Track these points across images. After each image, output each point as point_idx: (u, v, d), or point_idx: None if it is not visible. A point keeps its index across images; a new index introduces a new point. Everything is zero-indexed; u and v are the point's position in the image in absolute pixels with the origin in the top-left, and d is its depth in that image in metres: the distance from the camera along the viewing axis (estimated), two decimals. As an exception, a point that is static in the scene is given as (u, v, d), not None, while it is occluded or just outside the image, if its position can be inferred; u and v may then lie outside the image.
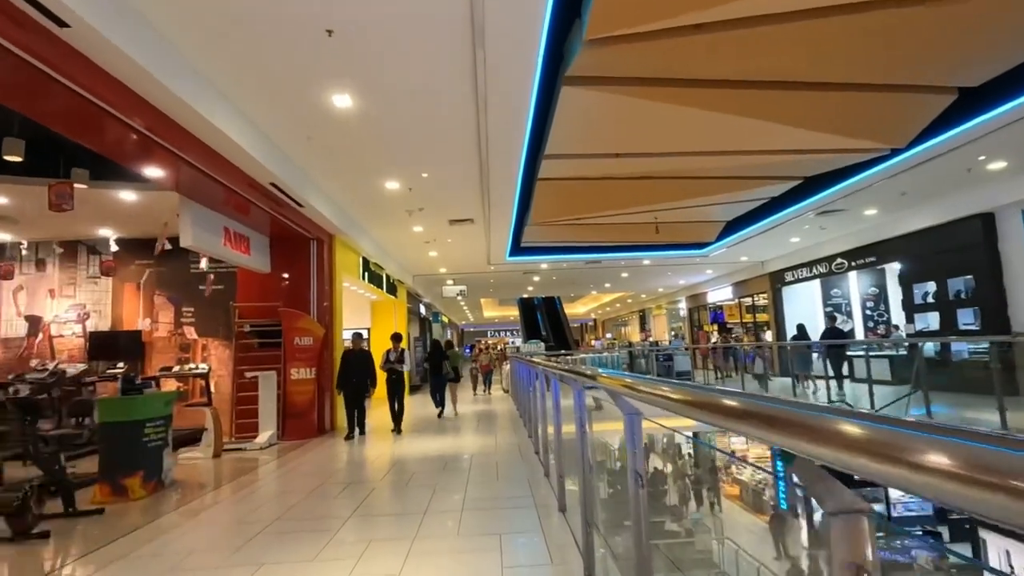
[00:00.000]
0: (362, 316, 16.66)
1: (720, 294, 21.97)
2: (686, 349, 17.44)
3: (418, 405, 12.42)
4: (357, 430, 8.30)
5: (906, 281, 12.07)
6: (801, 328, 15.63)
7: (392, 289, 14.70)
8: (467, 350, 42.76)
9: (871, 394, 8.94)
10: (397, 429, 8.61)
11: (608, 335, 42.93)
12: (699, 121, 6.86)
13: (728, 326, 23.20)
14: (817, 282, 16.62)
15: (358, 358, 8.42)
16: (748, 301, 20.33)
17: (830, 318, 14.27)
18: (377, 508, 4.44)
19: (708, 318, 23.59)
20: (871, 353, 12.78)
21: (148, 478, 5.12)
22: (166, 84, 4.37)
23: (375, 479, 5.54)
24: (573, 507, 3.93)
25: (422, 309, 21.78)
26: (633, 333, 35.57)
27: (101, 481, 4.96)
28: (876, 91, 6.37)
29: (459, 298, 24.25)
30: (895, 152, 7.84)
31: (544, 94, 6.01)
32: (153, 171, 5.69)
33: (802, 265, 16.18)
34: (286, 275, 8.88)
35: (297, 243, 8.87)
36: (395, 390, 8.96)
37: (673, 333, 27.87)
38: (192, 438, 7.48)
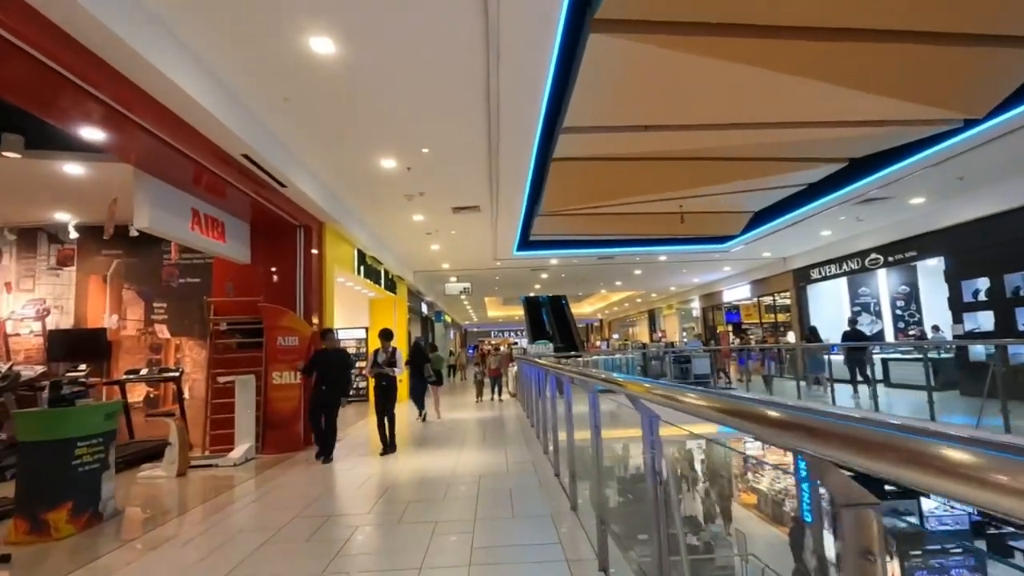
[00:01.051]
0: (359, 315, 15.67)
1: (737, 293, 20.91)
2: (704, 351, 16.37)
3: (412, 411, 11.41)
4: (326, 453, 6.62)
5: (953, 277, 10.98)
6: (814, 330, 14.71)
7: (391, 286, 13.70)
8: (470, 351, 41.78)
9: (930, 404, 7.87)
10: (387, 450, 6.99)
11: (615, 336, 41.87)
12: (742, 81, 5.84)
13: (743, 327, 22.16)
14: (844, 280, 15.56)
15: (331, 360, 6.80)
16: (768, 300, 19.26)
17: (851, 320, 13.50)
18: (357, 564, 3.42)
19: (723, 318, 22.52)
20: (909, 356, 11.78)
21: (79, 510, 4.12)
22: (100, 18, 3.38)
23: (360, 512, 4.53)
24: (619, 566, 2.91)
25: (424, 308, 20.79)
26: (642, 334, 34.51)
27: (17, 515, 3.97)
28: (954, 44, 5.32)
29: (462, 296, 23.27)
30: (968, 124, 6.79)
31: (567, 46, 4.99)
32: (95, 134, 4.69)
33: (830, 261, 15.11)
34: (271, 268, 7.88)
35: (282, 231, 7.87)
36: (385, 400, 7.22)
37: (685, 334, 26.80)
38: (158, 452, 6.49)
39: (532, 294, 26.92)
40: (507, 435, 8.34)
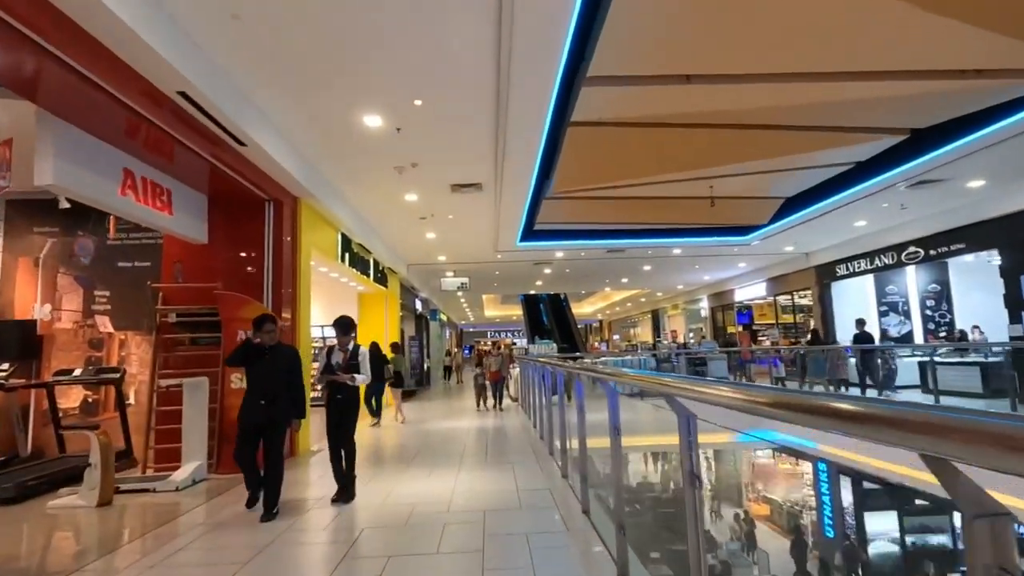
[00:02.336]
0: (345, 309, 14.36)
1: (750, 291, 19.72)
2: (720, 351, 15.15)
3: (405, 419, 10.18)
4: (267, 506, 4.33)
5: (1011, 272, 9.81)
6: (815, 333, 13.81)
7: (382, 278, 12.43)
8: (466, 351, 40.26)
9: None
10: (341, 496, 4.70)
11: (615, 336, 40.69)
12: (806, 12, 4.65)
13: (755, 328, 20.99)
14: (870, 278, 14.40)
15: (275, 361, 4.55)
16: (785, 299, 18.08)
17: (860, 322, 12.45)
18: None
19: (735, 319, 21.33)
20: (955, 360, 10.64)
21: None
22: None
23: (321, 574, 3.26)
24: None
25: (418, 305, 19.50)
26: (644, 334, 33.32)
27: None
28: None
29: (459, 293, 22.00)
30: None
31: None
32: (-39, 48, 3.41)
33: (860, 256, 13.93)
34: (233, 250, 6.60)
35: (247, 205, 6.60)
36: (340, 421, 4.88)
37: (692, 335, 25.58)
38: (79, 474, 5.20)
39: (533, 292, 25.70)
40: (513, 449, 7.08)
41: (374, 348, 10.22)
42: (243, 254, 6.59)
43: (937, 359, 10.63)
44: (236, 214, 6.58)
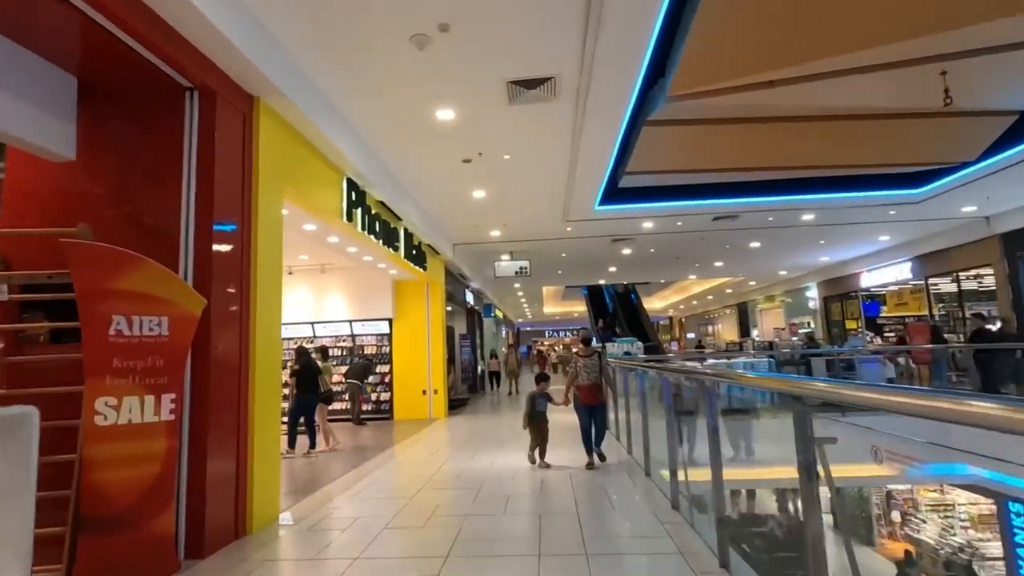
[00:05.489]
0: (377, 299, 11.62)
1: (884, 274, 15.50)
2: (878, 352, 11.25)
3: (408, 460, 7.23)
4: None
5: None
6: (981, 326, 10.07)
7: (418, 258, 9.51)
8: (523, 352, 36.60)
9: None
10: None
11: (689, 335, 36.47)
12: None
13: (879, 322, 16.73)
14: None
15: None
16: (942, 283, 13.81)
17: (978, 315, 10.30)
18: None
19: (860, 310, 17.10)
20: None
21: None
22: None
23: None
24: None
25: (469, 297, 16.58)
26: (727, 332, 29.09)
27: None
28: None
29: (517, 285, 18.91)
30: None
31: None
32: None
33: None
34: (128, 174, 3.75)
35: (152, 97, 3.73)
36: None
37: (782, 333, 21.30)
38: None
39: (603, 282, 22.38)
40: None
41: (302, 353, 7.78)
42: (141, 182, 3.73)
43: None
44: (131, 111, 3.73)
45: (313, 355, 8.17)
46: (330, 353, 10.95)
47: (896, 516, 11.12)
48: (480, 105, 5.42)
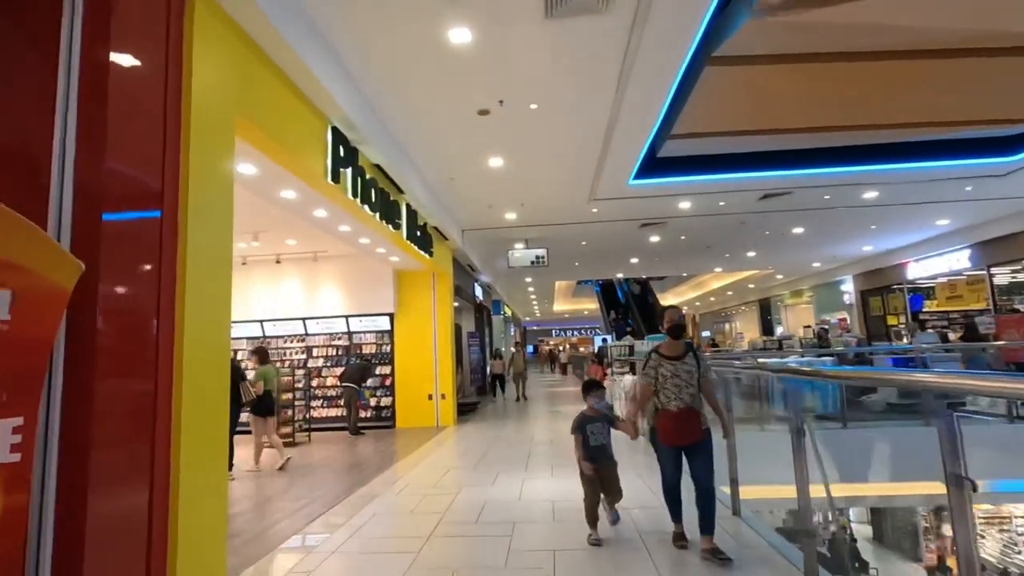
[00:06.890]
0: (377, 290, 10.29)
1: (936, 264, 14.04)
2: (945, 349, 9.80)
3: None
4: None
5: None
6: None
7: (423, 241, 8.14)
8: (530, 352, 35.11)
9: None
10: None
11: (704, 333, 35.03)
12: None
13: (921, 317, 15.29)
14: None
15: None
16: (1003, 272, 12.36)
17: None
18: None
19: (905, 304, 15.63)
20: None
21: None
22: None
23: None
24: None
25: (479, 292, 15.22)
26: (748, 329, 27.63)
27: None
28: None
29: (529, 279, 17.53)
30: None
31: None
32: None
33: None
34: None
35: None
36: None
37: (808, 330, 19.81)
38: None
39: (620, 275, 21.02)
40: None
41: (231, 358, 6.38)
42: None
43: None
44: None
45: (249, 360, 6.90)
46: (318, 354, 9.60)
47: (947, 530, 9.75)
48: (507, 20, 4.05)
